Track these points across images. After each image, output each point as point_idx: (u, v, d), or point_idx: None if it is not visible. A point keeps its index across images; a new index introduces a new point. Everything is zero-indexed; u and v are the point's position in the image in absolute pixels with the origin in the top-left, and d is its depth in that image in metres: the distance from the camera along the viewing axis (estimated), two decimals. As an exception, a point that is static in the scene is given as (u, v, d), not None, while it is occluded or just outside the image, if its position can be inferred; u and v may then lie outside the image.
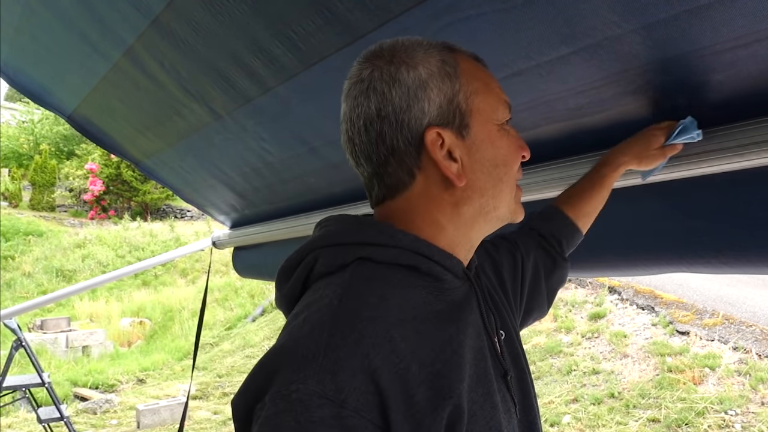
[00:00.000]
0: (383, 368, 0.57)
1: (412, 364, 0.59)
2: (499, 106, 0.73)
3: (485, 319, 0.73)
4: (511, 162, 0.73)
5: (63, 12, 1.51)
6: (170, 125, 1.85)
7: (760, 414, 5.03)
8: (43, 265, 13.32)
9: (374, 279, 0.66)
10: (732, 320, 6.42)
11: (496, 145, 0.72)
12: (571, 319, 7.63)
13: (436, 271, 0.69)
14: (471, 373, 0.64)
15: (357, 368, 0.56)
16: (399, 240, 0.68)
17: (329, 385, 0.55)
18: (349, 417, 0.55)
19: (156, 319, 11.17)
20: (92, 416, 7.12)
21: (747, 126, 0.89)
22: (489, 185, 0.72)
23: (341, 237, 0.70)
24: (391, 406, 0.56)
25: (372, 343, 0.58)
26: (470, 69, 0.72)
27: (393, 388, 0.57)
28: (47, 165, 18.49)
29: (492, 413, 0.65)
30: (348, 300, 0.62)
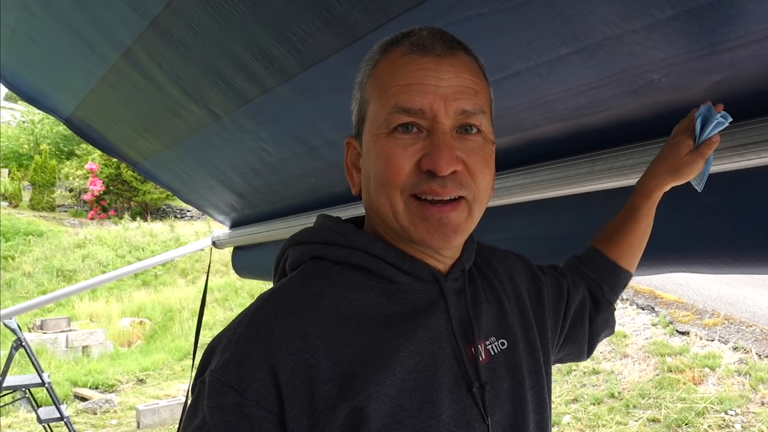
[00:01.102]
0: (287, 362, 0.59)
1: (324, 361, 0.60)
2: (383, 110, 0.65)
3: (453, 325, 0.68)
4: (383, 175, 0.64)
5: (61, 14, 1.51)
6: (169, 126, 1.85)
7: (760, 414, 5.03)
8: (43, 265, 13.32)
9: (317, 277, 0.68)
10: (732, 320, 6.42)
11: (370, 157, 0.67)
12: (571, 319, 7.61)
13: (388, 273, 0.67)
14: (405, 379, 0.62)
15: (261, 360, 0.59)
16: (353, 241, 0.69)
17: (234, 375, 0.59)
18: (249, 406, 0.58)
19: (156, 319, 11.17)
20: (92, 416, 7.12)
21: (747, 126, 0.89)
22: (374, 198, 0.67)
23: (305, 236, 0.73)
24: (287, 400, 0.59)
25: (281, 338, 0.61)
26: (382, 71, 0.67)
27: (294, 382, 0.59)
28: (47, 165, 18.50)
29: (427, 423, 0.62)
30: (276, 296, 0.66)
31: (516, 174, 1.25)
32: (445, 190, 0.63)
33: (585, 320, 0.95)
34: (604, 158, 1.08)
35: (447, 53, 0.66)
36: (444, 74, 0.65)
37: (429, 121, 0.64)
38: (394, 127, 0.64)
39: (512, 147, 1.26)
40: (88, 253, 13.94)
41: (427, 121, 0.64)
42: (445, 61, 0.65)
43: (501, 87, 1.06)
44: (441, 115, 0.64)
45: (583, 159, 1.13)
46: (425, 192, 0.63)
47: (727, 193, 1.01)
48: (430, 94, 0.64)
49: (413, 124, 0.64)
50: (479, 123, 0.66)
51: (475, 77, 0.68)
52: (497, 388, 0.70)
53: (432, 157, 0.62)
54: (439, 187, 0.63)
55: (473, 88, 0.66)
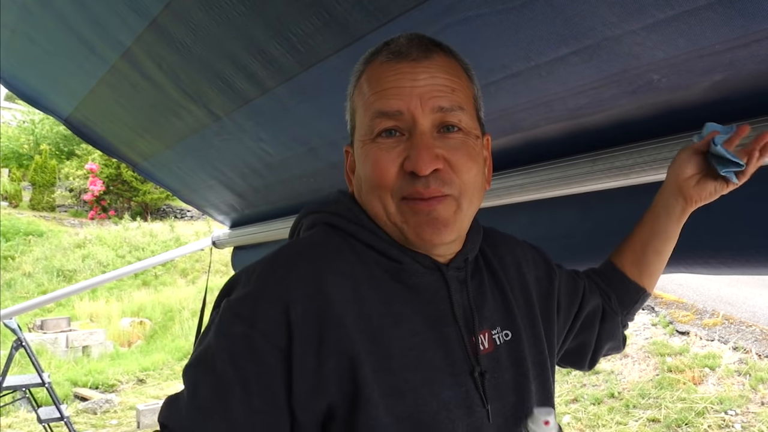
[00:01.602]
0: (300, 302, 0.62)
1: (335, 308, 0.63)
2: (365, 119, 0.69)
3: (456, 313, 0.70)
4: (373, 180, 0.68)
5: (60, 14, 1.51)
6: (168, 127, 1.85)
7: (760, 414, 5.03)
8: (43, 265, 13.31)
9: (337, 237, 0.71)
10: (732, 320, 6.42)
11: (359, 164, 0.71)
12: (571, 319, 7.61)
13: (393, 253, 0.70)
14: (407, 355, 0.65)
15: (275, 298, 0.62)
16: (361, 220, 0.71)
17: (247, 308, 0.63)
18: (256, 338, 0.61)
19: (156, 319, 11.17)
20: (92, 416, 7.12)
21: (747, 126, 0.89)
22: (367, 201, 0.71)
23: (320, 206, 0.76)
24: (296, 338, 0.61)
25: (298, 279, 0.64)
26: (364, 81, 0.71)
27: (305, 322, 0.62)
28: (47, 165, 18.49)
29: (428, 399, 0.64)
30: (298, 243, 0.72)
31: (516, 174, 1.24)
32: (428, 189, 0.65)
33: (594, 328, 0.95)
34: (604, 158, 1.08)
35: (422, 56, 0.68)
36: (419, 75, 0.67)
37: (408, 123, 0.66)
38: (378, 132, 0.67)
39: (512, 147, 1.25)
40: (88, 253, 13.94)
41: (406, 123, 0.66)
42: (420, 64, 0.68)
43: (501, 87, 1.06)
44: (419, 115, 0.66)
45: (583, 159, 1.12)
46: (411, 194, 0.66)
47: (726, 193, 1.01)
48: (406, 96, 0.66)
49: (395, 128, 0.67)
50: (458, 120, 0.68)
51: (453, 76, 0.69)
52: (498, 377, 0.71)
53: (412, 158, 0.65)
54: (422, 187, 0.65)
55: (450, 86, 0.68)
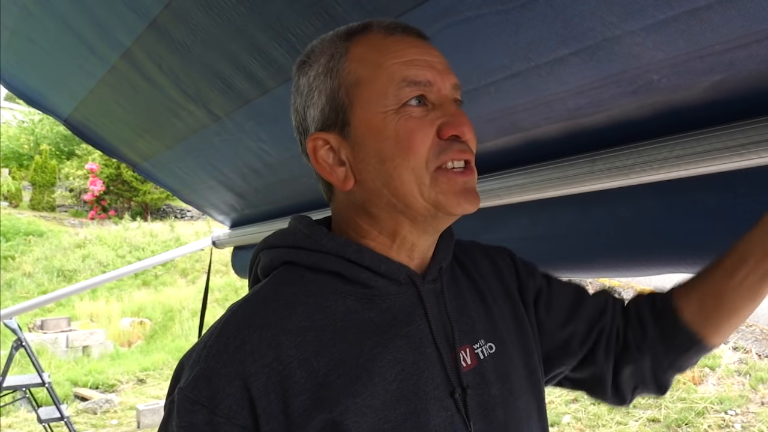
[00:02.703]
0: (260, 375, 0.57)
1: (298, 372, 0.58)
2: (392, 87, 0.63)
3: (433, 330, 0.66)
4: (411, 148, 0.63)
5: (60, 15, 1.51)
6: (168, 127, 1.85)
7: (760, 414, 5.03)
8: (44, 265, 13.31)
9: (290, 284, 0.65)
10: (732, 320, 6.42)
11: (381, 136, 0.63)
12: (572, 319, 7.61)
13: (363, 277, 0.65)
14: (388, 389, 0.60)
15: (232, 375, 0.57)
16: (323, 245, 0.66)
17: (204, 391, 0.57)
18: (221, 423, 0.56)
19: (156, 319, 11.17)
20: (92, 416, 7.12)
21: (747, 126, 0.89)
22: (380, 183, 0.64)
23: (277, 240, 0.70)
24: (261, 415, 0.57)
25: (252, 350, 0.59)
26: (362, 54, 0.66)
27: (269, 395, 0.57)
28: (47, 165, 18.49)
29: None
30: (246, 306, 0.64)
31: (516, 174, 1.24)
32: (465, 153, 0.65)
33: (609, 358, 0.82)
34: (604, 158, 1.08)
35: (422, 36, 0.69)
36: (431, 51, 0.67)
37: (435, 94, 0.65)
38: (405, 101, 0.63)
39: (512, 147, 1.25)
40: (88, 253, 13.94)
41: (433, 95, 0.65)
42: (425, 41, 0.69)
43: (501, 87, 1.06)
44: (444, 88, 0.66)
45: (583, 159, 1.12)
46: (451, 158, 0.64)
47: (726, 193, 1.01)
48: (431, 69, 0.65)
49: (421, 97, 0.64)
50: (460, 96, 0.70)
51: None
52: (484, 394, 0.67)
53: (454, 124, 0.64)
54: (460, 151, 0.64)
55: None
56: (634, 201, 1.14)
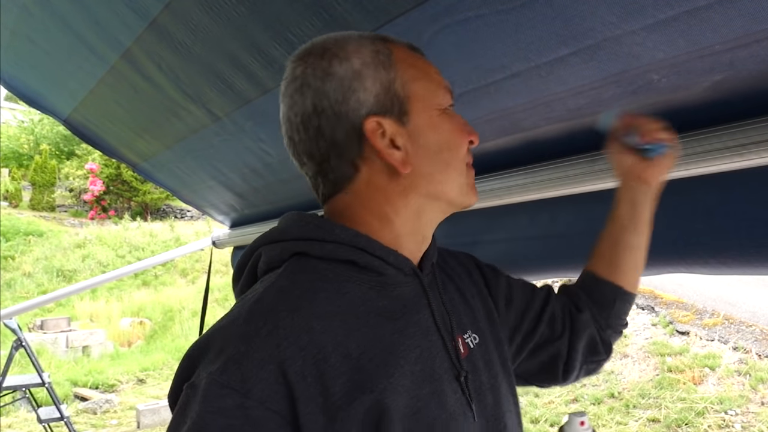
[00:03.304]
0: (296, 359, 0.57)
1: (332, 356, 0.59)
2: (439, 91, 0.73)
3: (436, 319, 0.71)
4: (457, 145, 0.73)
5: (60, 14, 1.51)
6: (168, 127, 1.85)
7: (760, 414, 5.03)
8: (43, 265, 13.31)
9: (306, 273, 0.66)
10: (732, 320, 6.43)
11: (439, 129, 0.71)
12: (571, 319, 7.61)
13: (375, 265, 0.68)
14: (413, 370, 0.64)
15: (266, 359, 0.57)
16: (337, 235, 0.68)
17: (235, 375, 0.56)
18: (253, 408, 0.55)
19: (156, 319, 11.17)
20: (92, 416, 7.12)
21: (747, 126, 0.89)
22: (436, 170, 0.71)
23: (282, 234, 0.71)
24: (300, 398, 0.56)
25: (286, 334, 0.59)
26: (405, 57, 0.72)
27: (306, 379, 0.57)
28: (47, 165, 18.48)
29: (438, 413, 0.64)
30: (270, 292, 0.64)
31: (516, 174, 1.24)
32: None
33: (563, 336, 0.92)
34: (604, 158, 1.08)
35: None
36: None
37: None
38: (447, 105, 0.73)
39: (512, 147, 1.25)
40: (88, 253, 13.94)
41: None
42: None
43: (501, 88, 1.06)
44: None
45: (583, 159, 1.12)
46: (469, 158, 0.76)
47: (726, 193, 1.01)
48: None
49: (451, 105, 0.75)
50: None
51: None
52: (476, 380, 0.72)
53: (475, 133, 0.75)
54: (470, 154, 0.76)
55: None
56: (634, 201, 1.14)
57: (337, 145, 0.69)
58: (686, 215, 1.07)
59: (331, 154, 0.69)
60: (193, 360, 0.61)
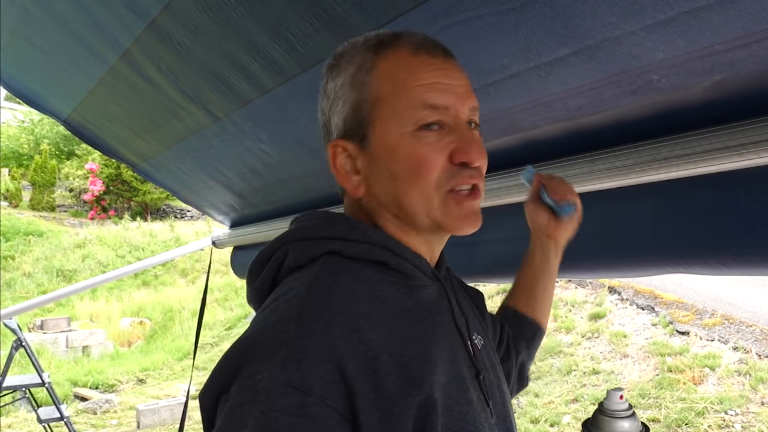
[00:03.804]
0: (350, 357, 0.58)
1: (382, 354, 0.60)
2: (412, 109, 0.67)
3: (457, 320, 0.73)
4: (423, 170, 0.67)
5: (59, 15, 1.51)
6: (168, 128, 1.85)
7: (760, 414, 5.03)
8: (43, 265, 13.31)
9: (342, 272, 0.66)
10: (732, 320, 6.42)
11: (395, 156, 0.67)
12: (571, 319, 7.63)
13: (406, 268, 0.70)
14: (444, 368, 0.65)
15: (323, 357, 0.57)
16: (370, 236, 0.69)
17: (295, 373, 0.55)
18: (314, 405, 0.55)
19: (156, 319, 11.17)
20: (92, 416, 7.12)
21: (747, 126, 0.89)
22: (390, 199, 0.69)
23: (312, 232, 0.71)
24: (359, 394, 0.57)
25: (339, 333, 0.59)
26: (387, 71, 0.68)
27: (361, 376, 0.58)
28: (47, 165, 18.48)
29: (467, 409, 0.66)
30: (316, 290, 0.63)
31: (516, 174, 1.24)
32: (473, 178, 0.69)
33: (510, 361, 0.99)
34: (604, 158, 1.08)
35: (448, 54, 0.71)
36: (455, 73, 0.70)
37: (451, 118, 0.68)
38: (421, 125, 0.67)
39: (512, 147, 1.25)
40: (88, 253, 13.94)
41: (450, 118, 0.68)
42: (449, 61, 0.71)
43: (501, 88, 1.06)
44: (461, 112, 0.69)
45: (583, 159, 1.12)
46: (461, 183, 0.68)
47: (726, 193, 1.01)
48: (450, 93, 0.68)
49: (437, 122, 0.68)
50: (478, 119, 0.73)
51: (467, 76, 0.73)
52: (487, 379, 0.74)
53: (465, 151, 0.68)
54: (469, 177, 0.69)
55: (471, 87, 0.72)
56: (634, 201, 1.14)
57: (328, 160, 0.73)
58: (686, 215, 1.07)
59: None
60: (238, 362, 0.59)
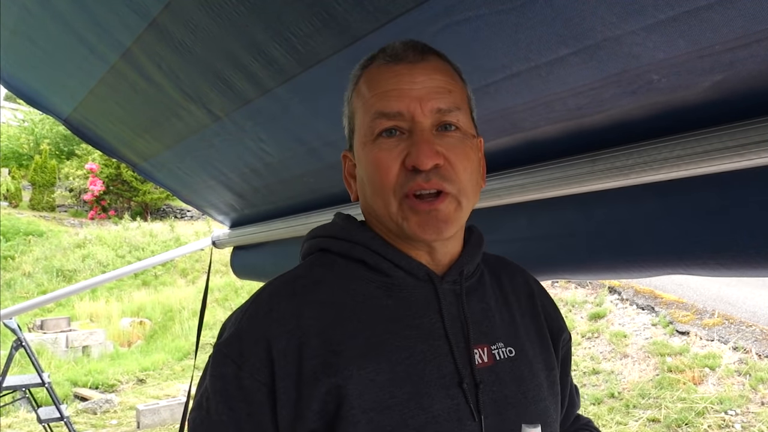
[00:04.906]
0: (281, 339, 0.66)
1: (314, 339, 0.66)
2: (368, 119, 0.70)
3: (446, 325, 0.71)
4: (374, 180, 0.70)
5: (60, 14, 1.51)
6: (168, 127, 1.85)
7: (760, 414, 5.03)
8: (43, 265, 13.31)
9: (321, 266, 0.75)
10: (732, 320, 6.42)
11: (361, 164, 0.73)
12: (571, 319, 7.63)
13: (384, 267, 0.72)
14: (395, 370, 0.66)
15: (260, 337, 0.66)
16: (353, 236, 0.75)
17: (235, 348, 0.67)
18: (245, 378, 0.65)
19: (156, 319, 11.17)
20: (92, 416, 7.12)
21: (747, 126, 0.89)
22: (367, 202, 0.75)
23: (318, 230, 0.81)
24: (278, 373, 0.65)
25: (278, 317, 0.67)
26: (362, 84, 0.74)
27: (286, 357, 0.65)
28: (47, 165, 18.48)
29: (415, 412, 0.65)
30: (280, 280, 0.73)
31: (516, 174, 1.24)
32: (429, 183, 0.67)
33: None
34: (604, 158, 1.08)
35: (419, 59, 0.71)
36: (417, 77, 0.70)
37: (408, 123, 0.69)
38: (378, 133, 0.69)
39: (512, 147, 1.25)
40: (88, 253, 13.94)
41: (407, 123, 0.69)
42: (417, 66, 0.71)
43: (501, 88, 1.06)
44: (418, 115, 0.68)
45: (583, 159, 1.12)
46: (413, 188, 0.68)
47: (726, 194, 1.01)
48: (406, 98, 0.69)
49: (395, 128, 0.69)
50: (456, 120, 0.70)
51: (448, 77, 0.72)
52: (497, 392, 0.71)
53: (413, 154, 0.67)
54: (423, 181, 0.67)
55: (446, 88, 0.70)
56: (634, 201, 1.14)
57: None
58: (685, 216, 1.06)
59: None
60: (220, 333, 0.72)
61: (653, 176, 1.02)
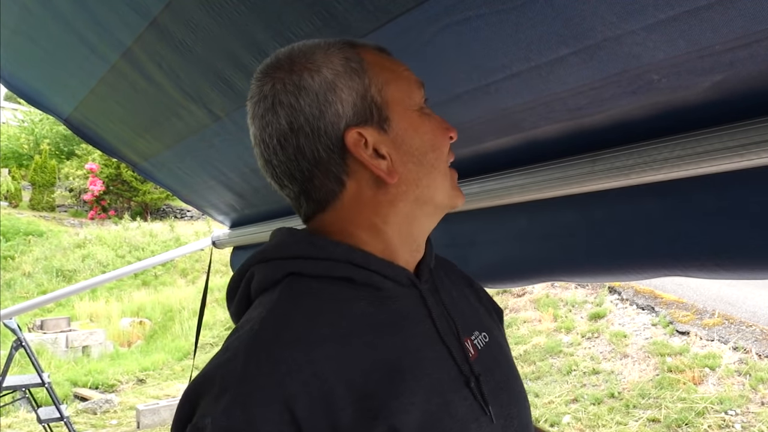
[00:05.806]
0: (301, 394, 0.55)
1: (338, 386, 0.56)
2: (413, 90, 0.71)
3: (438, 327, 0.69)
4: (439, 145, 0.71)
5: (60, 14, 1.51)
6: (168, 127, 1.85)
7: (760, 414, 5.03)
8: (43, 265, 13.31)
9: (303, 295, 0.64)
10: (732, 320, 6.43)
11: (421, 131, 0.69)
12: (571, 319, 7.63)
13: (374, 280, 0.66)
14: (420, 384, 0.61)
15: (271, 398, 0.54)
16: (331, 252, 0.66)
17: (239, 419, 0.53)
18: None
19: (156, 319, 11.17)
20: (92, 416, 7.12)
21: (747, 126, 0.89)
22: (422, 174, 0.69)
23: (274, 251, 0.68)
24: None
25: (289, 369, 0.56)
26: (376, 60, 0.70)
27: (314, 414, 0.54)
28: (47, 165, 18.49)
29: (448, 423, 0.62)
30: (269, 323, 0.60)
31: (516, 174, 1.24)
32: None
33: None
34: (604, 158, 1.08)
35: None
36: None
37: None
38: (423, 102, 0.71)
39: (512, 147, 1.25)
40: (88, 253, 13.94)
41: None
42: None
43: (501, 87, 1.06)
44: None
45: (583, 159, 1.12)
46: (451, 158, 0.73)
47: (726, 194, 1.01)
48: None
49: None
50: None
51: None
52: (490, 381, 0.70)
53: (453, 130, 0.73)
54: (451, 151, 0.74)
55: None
56: (634, 201, 1.14)
57: (320, 163, 0.66)
58: (685, 216, 1.06)
59: (315, 172, 0.67)
60: (193, 401, 0.58)
61: (653, 176, 1.02)
